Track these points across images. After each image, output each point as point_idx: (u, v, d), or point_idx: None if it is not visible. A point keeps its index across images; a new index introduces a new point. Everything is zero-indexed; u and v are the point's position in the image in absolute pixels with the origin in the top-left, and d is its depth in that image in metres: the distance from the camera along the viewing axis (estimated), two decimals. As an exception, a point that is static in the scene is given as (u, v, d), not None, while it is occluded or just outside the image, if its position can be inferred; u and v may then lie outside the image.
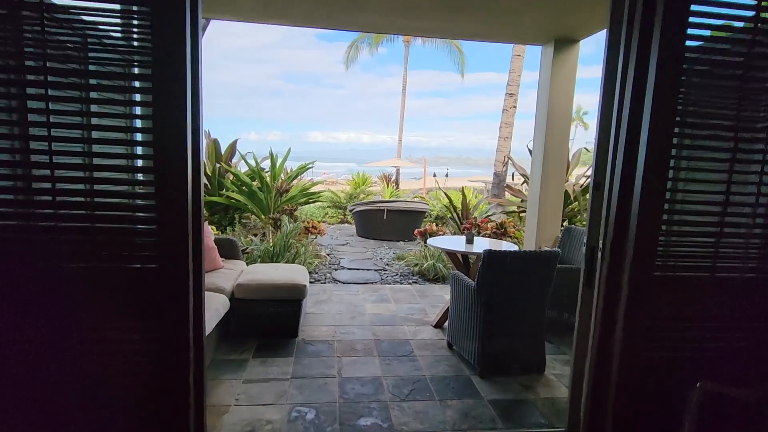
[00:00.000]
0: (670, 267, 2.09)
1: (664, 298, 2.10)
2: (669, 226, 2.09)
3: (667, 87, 1.97)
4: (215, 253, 4.15)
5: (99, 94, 1.89)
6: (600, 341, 2.31)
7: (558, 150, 5.36)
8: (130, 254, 1.86)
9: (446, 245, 4.18)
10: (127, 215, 1.91)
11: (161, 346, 1.93)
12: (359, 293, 5.31)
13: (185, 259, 1.90)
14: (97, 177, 1.88)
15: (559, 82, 5.24)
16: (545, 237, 5.50)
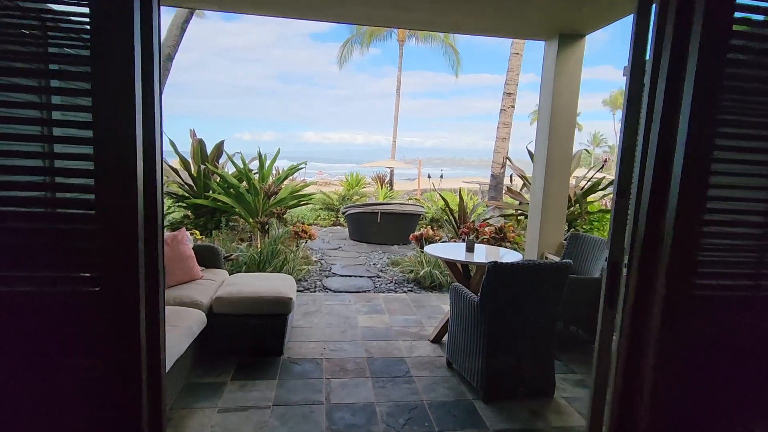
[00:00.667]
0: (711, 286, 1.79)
1: (704, 320, 1.79)
2: (708, 239, 1.78)
3: (710, 81, 1.66)
4: (193, 262, 3.80)
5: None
6: (625, 372, 2.00)
7: (562, 151, 5.06)
8: (63, 274, 1.53)
9: (445, 254, 3.86)
10: (61, 228, 1.56)
11: (105, 388, 1.59)
12: (351, 303, 4.98)
13: (133, 276, 1.57)
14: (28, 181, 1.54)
15: (564, 79, 4.95)
16: (548, 243, 5.20)
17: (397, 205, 9.17)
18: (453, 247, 4.36)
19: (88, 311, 1.54)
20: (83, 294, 1.53)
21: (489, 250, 4.24)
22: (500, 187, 9.83)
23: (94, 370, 1.57)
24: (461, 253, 3.93)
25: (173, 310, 3.05)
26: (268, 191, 6.65)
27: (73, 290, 1.54)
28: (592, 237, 4.20)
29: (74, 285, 1.54)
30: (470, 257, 3.83)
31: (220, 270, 4.22)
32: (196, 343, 3.13)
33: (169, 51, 6.06)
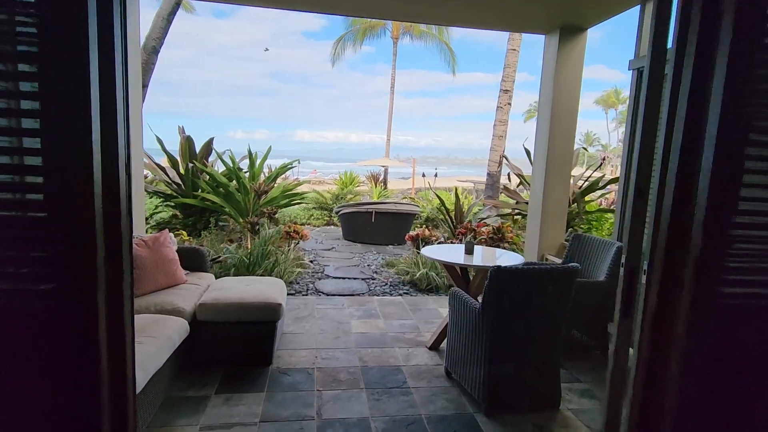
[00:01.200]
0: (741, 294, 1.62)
1: (733, 331, 1.62)
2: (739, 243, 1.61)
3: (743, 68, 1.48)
4: (176, 265, 3.58)
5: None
6: (644, 389, 1.82)
7: (563, 149, 4.90)
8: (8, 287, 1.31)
9: (443, 256, 3.67)
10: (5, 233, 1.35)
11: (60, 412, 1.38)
12: (345, 307, 4.78)
13: (91, 287, 1.36)
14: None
15: (565, 74, 4.78)
16: (549, 244, 5.03)
17: (392, 205, 8.98)
18: (451, 248, 4.18)
19: (37, 328, 1.32)
20: (32, 308, 1.32)
21: (488, 252, 4.06)
22: (497, 186, 9.67)
23: (45, 392, 1.36)
24: (460, 256, 3.75)
25: (153, 319, 2.83)
26: (259, 190, 6.43)
27: (21, 304, 1.33)
28: (596, 238, 4.03)
29: (22, 299, 1.33)
30: (470, 260, 3.64)
31: (206, 274, 4.00)
32: (177, 354, 2.92)
33: (154, 44, 5.82)
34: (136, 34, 4.31)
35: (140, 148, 4.49)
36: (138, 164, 4.37)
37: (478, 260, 3.68)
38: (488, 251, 4.12)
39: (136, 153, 4.38)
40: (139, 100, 4.40)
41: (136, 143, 4.38)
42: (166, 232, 3.71)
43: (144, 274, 3.33)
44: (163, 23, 5.81)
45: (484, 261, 3.70)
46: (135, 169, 4.30)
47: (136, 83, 4.32)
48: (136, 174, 4.33)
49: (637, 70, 3.86)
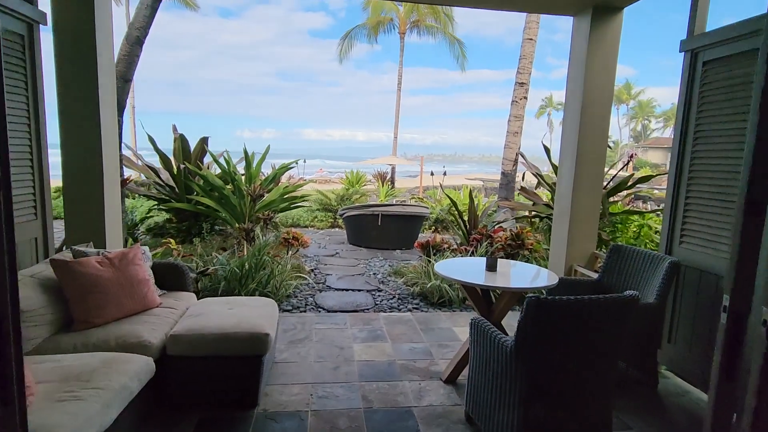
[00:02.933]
0: None
1: None
2: None
3: None
4: (147, 286, 3.05)
5: None
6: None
7: (595, 146, 4.30)
8: None
9: (460, 274, 3.09)
10: None
11: None
12: (347, 326, 4.22)
13: None
14: None
15: (598, 60, 4.17)
16: (578, 254, 4.44)
17: (399, 206, 8.41)
18: (468, 263, 3.60)
19: None
20: None
21: (513, 269, 3.47)
22: (512, 186, 9.06)
23: None
24: (481, 273, 3.17)
25: (103, 361, 2.29)
26: (254, 194, 5.89)
27: None
28: (641, 250, 3.44)
29: None
30: (493, 279, 3.06)
31: (186, 293, 3.46)
32: (139, 400, 2.38)
33: (137, 34, 5.29)
34: (108, 27, 3.78)
35: (115, 148, 3.96)
36: (112, 166, 3.84)
37: (504, 280, 3.10)
38: (514, 267, 3.53)
39: (110, 154, 3.85)
40: (113, 97, 3.86)
41: (110, 143, 3.85)
42: (137, 247, 3.17)
43: (106, 299, 2.80)
44: (148, 11, 5.29)
45: (512, 281, 3.12)
46: (108, 172, 3.78)
47: (109, 77, 3.79)
48: (110, 178, 3.80)
49: (692, 51, 3.25)
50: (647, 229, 6.25)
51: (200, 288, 4.74)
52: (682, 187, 3.33)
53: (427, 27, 22.87)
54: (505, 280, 3.10)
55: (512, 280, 3.16)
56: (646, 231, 6.21)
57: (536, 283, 3.15)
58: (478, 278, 3.03)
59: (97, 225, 3.73)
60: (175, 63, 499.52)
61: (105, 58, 3.70)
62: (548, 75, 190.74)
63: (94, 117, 3.63)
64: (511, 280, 3.13)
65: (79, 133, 3.63)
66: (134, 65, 5.39)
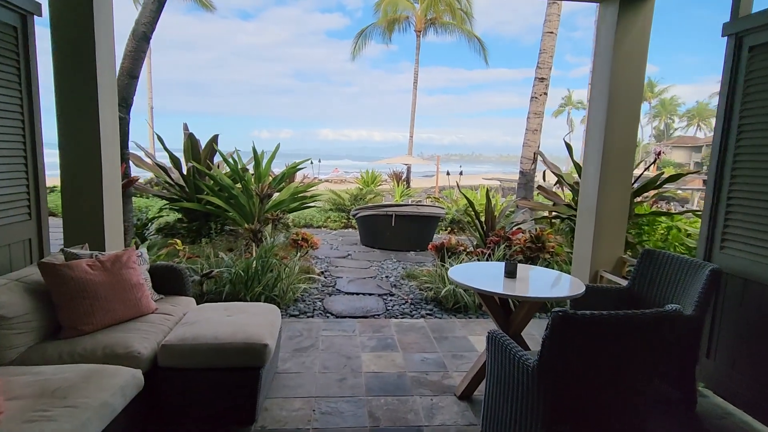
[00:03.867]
0: None
1: None
2: None
3: None
4: (141, 291, 2.87)
5: None
6: None
7: (623, 142, 3.99)
8: None
9: (478, 282, 2.84)
10: None
11: None
12: (356, 334, 4.00)
13: None
14: None
15: (626, 51, 3.86)
16: (604, 258, 4.13)
17: (414, 207, 8.16)
18: (485, 268, 3.34)
19: None
20: None
21: (535, 275, 3.19)
22: (530, 185, 8.72)
23: None
24: (499, 280, 2.91)
25: (84, 375, 2.11)
26: (261, 193, 5.71)
27: None
28: (677, 256, 3.12)
29: None
30: (512, 287, 2.79)
31: (184, 298, 3.28)
32: (125, 417, 2.19)
33: (144, 29, 5.16)
34: (109, 21, 3.64)
35: (115, 147, 3.81)
36: (112, 166, 3.69)
37: (524, 287, 2.83)
38: (535, 272, 3.26)
39: (110, 153, 3.71)
40: (113, 93, 3.72)
41: (110, 142, 3.71)
42: (131, 249, 3.00)
43: (96, 305, 2.62)
44: (155, 6, 5.16)
45: (533, 289, 2.85)
46: (108, 172, 3.63)
47: (109, 73, 3.64)
48: (110, 178, 3.65)
49: (736, 36, 2.92)
50: (676, 232, 5.88)
51: (205, 290, 4.58)
52: (723, 186, 3.01)
53: (443, 25, 22.53)
54: (526, 288, 2.83)
55: (533, 287, 2.88)
56: (675, 233, 5.84)
57: (560, 291, 2.87)
58: (496, 286, 2.77)
59: (95, 226, 3.58)
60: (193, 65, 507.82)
61: (104, 52, 3.55)
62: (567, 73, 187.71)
63: (93, 114, 3.49)
64: (532, 288, 2.86)
65: (77, 131, 3.49)
66: (141, 62, 5.27)
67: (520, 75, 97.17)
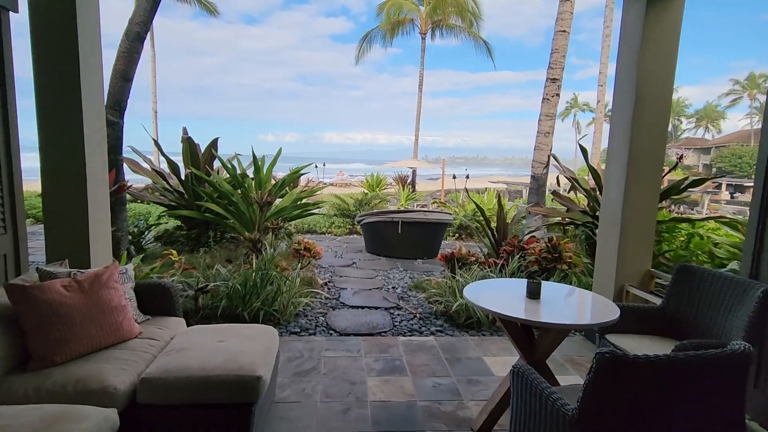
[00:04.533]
0: None
1: None
2: None
3: None
4: (123, 314, 2.58)
5: None
6: None
7: (651, 145, 3.68)
8: None
9: (497, 303, 2.52)
10: None
11: None
12: (360, 354, 3.69)
13: None
14: None
15: (654, 47, 3.56)
16: (630, 272, 3.81)
17: (421, 213, 7.85)
18: (503, 286, 3.02)
19: None
20: None
21: (560, 294, 2.87)
22: (543, 190, 8.39)
23: None
24: (520, 301, 2.60)
25: (49, 418, 1.81)
26: (261, 201, 5.43)
27: None
28: (718, 273, 2.80)
29: None
30: (537, 310, 2.48)
31: (174, 319, 2.99)
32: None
33: (137, 29, 4.91)
34: (94, 16, 3.38)
35: (102, 151, 3.54)
36: (98, 171, 3.42)
37: (550, 311, 2.51)
38: (559, 292, 2.94)
39: (96, 157, 3.44)
40: (99, 93, 3.45)
41: (96, 145, 3.44)
42: (114, 266, 2.72)
43: (70, 332, 2.34)
44: (149, 4, 4.91)
45: (560, 313, 2.54)
46: (94, 178, 3.36)
47: (94, 71, 3.38)
48: (96, 185, 3.39)
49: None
50: (698, 239, 5.54)
51: (201, 305, 4.30)
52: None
53: (449, 27, 22.25)
54: (553, 312, 2.51)
55: (561, 311, 2.57)
56: (698, 241, 5.49)
57: (592, 316, 2.55)
58: (518, 309, 2.45)
59: (79, 238, 3.31)
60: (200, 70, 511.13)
61: (89, 49, 3.28)
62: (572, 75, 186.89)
63: (76, 116, 3.22)
64: (559, 312, 2.54)
65: (59, 134, 3.23)
66: (135, 63, 5.02)
67: (524, 77, 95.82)
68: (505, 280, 3.20)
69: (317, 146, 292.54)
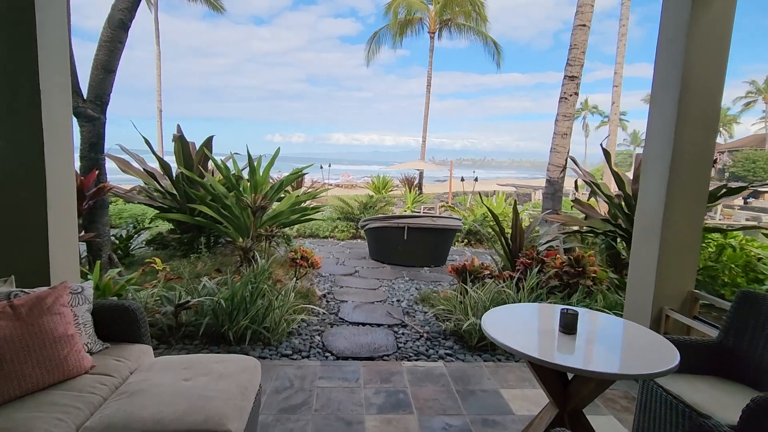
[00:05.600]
0: None
1: None
2: None
3: None
4: (69, 346, 2.13)
5: None
6: None
7: (699, 147, 3.19)
8: None
9: (525, 340, 2.05)
10: None
11: None
12: (359, 384, 3.22)
13: None
14: None
15: (703, 36, 3.06)
16: (671, 293, 3.31)
17: (428, 218, 7.37)
18: (529, 314, 2.54)
19: None
20: None
21: (599, 327, 2.38)
22: (559, 195, 7.87)
23: None
24: (551, 336, 2.12)
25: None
26: (254, 205, 4.97)
27: None
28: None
29: None
30: (575, 351, 1.99)
31: (138, 347, 2.54)
32: None
33: (121, 16, 4.49)
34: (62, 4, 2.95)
35: (68, 148, 3.11)
36: (61, 172, 2.99)
37: (592, 353, 2.03)
38: (597, 324, 2.45)
39: (60, 156, 3.00)
40: (65, 83, 3.02)
41: (59, 142, 3.00)
42: (62, 287, 2.27)
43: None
44: (133, -10, 4.48)
45: (603, 357, 2.05)
46: (55, 180, 2.93)
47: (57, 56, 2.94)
48: (59, 188, 2.95)
49: None
50: (731, 251, 5.02)
51: (184, 321, 3.86)
52: None
53: (458, 26, 21.76)
54: (595, 354, 2.03)
55: (604, 352, 2.08)
56: (730, 253, 4.97)
57: (646, 361, 2.04)
58: (550, 348, 1.97)
59: (35, 250, 2.87)
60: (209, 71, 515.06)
61: (52, 17, 2.84)
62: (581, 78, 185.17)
63: (32, 102, 2.78)
64: (603, 353, 2.05)
65: (10, 129, 2.79)
66: (118, 53, 4.59)
67: (532, 80, 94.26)
68: (530, 306, 2.72)
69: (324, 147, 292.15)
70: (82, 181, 4.24)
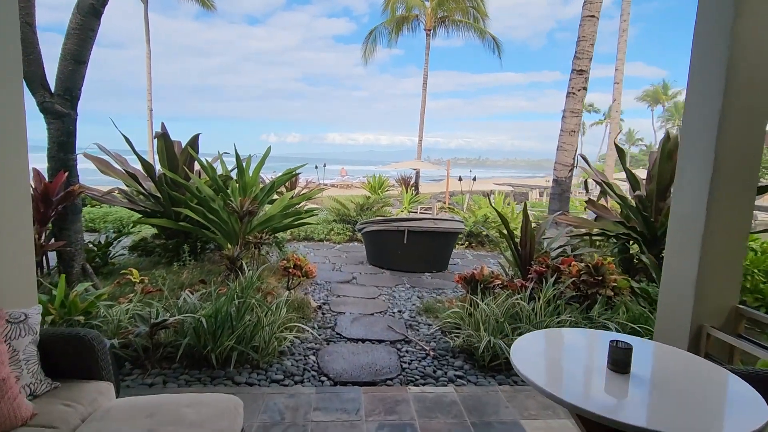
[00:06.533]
0: None
1: None
2: None
3: None
4: (1, 394, 1.71)
5: None
6: None
7: (747, 143, 2.78)
8: None
9: (572, 389, 1.65)
10: None
11: None
12: (360, 415, 2.81)
13: None
14: None
15: (753, 18, 2.67)
16: (710, 308, 2.92)
17: (430, 222, 6.96)
18: (567, 343, 2.14)
19: None
20: None
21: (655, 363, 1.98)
22: (566, 196, 7.49)
23: None
24: (600, 376, 1.71)
25: None
26: (241, 210, 4.54)
27: None
28: None
29: None
30: (633, 399, 1.59)
31: (95, 385, 2.11)
32: None
33: (92, 1, 4.05)
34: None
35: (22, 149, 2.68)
36: (14, 177, 2.56)
37: (654, 403, 1.62)
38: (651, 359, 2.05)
39: (10, 158, 2.57)
40: (18, 86, 2.58)
41: (8, 141, 2.57)
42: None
43: None
44: (106, -27, 4.04)
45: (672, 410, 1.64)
46: (6, 186, 2.50)
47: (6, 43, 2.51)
48: (10, 196, 2.52)
49: None
50: (753, 255, 4.65)
51: (162, 341, 3.43)
52: None
53: (454, 23, 21.39)
54: (660, 404, 1.62)
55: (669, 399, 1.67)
56: (752, 257, 4.61)
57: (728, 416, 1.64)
58: (596, 383, 1.57)
59: (-22, 267, 2.44)
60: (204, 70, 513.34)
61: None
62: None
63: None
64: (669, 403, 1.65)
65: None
66: (89, 42, 4.15)
67: (527, 79, 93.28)
68: (566, 331, 2.33)
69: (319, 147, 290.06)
70: (47, 185, 3.81)
